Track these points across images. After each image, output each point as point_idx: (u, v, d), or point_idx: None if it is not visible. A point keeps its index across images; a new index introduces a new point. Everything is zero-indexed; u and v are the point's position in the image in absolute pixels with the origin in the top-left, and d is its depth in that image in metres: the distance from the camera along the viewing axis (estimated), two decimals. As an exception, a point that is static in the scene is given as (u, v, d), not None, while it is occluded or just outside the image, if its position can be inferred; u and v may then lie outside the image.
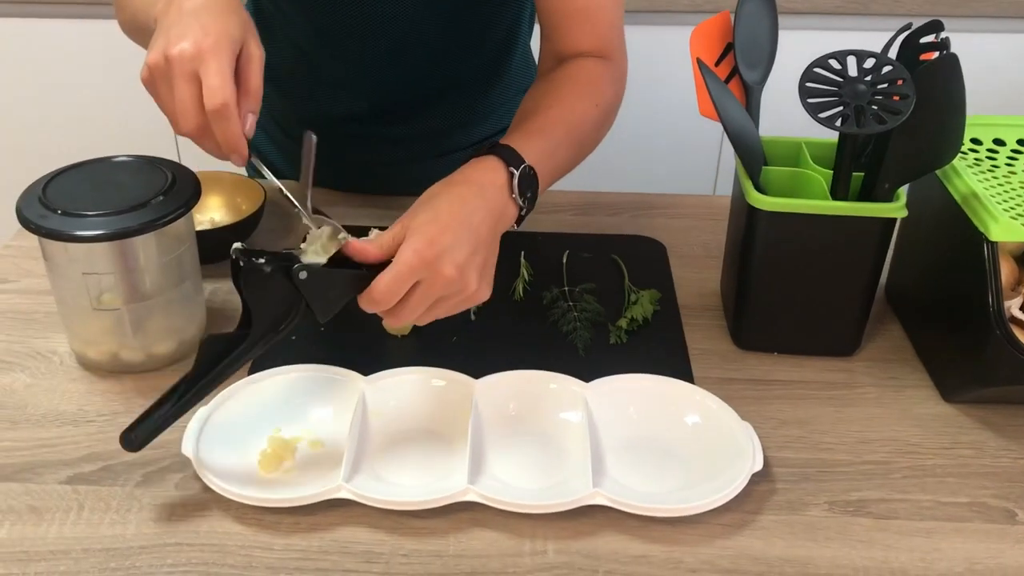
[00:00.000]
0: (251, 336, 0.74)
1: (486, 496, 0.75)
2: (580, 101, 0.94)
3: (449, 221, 0.77)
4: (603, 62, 0.98)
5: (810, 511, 0.79)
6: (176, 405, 0.75)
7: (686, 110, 2.05)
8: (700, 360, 0.95)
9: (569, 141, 0.92)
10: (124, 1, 0.94)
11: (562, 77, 0.97)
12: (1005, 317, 0.81)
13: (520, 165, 0.83)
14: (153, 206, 0.84)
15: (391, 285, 0.74)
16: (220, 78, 0.70)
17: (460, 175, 0.83)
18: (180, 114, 0.71)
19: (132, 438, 0.75)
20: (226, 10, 0.75)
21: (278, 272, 0.73)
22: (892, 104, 0.80)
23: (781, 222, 0.88)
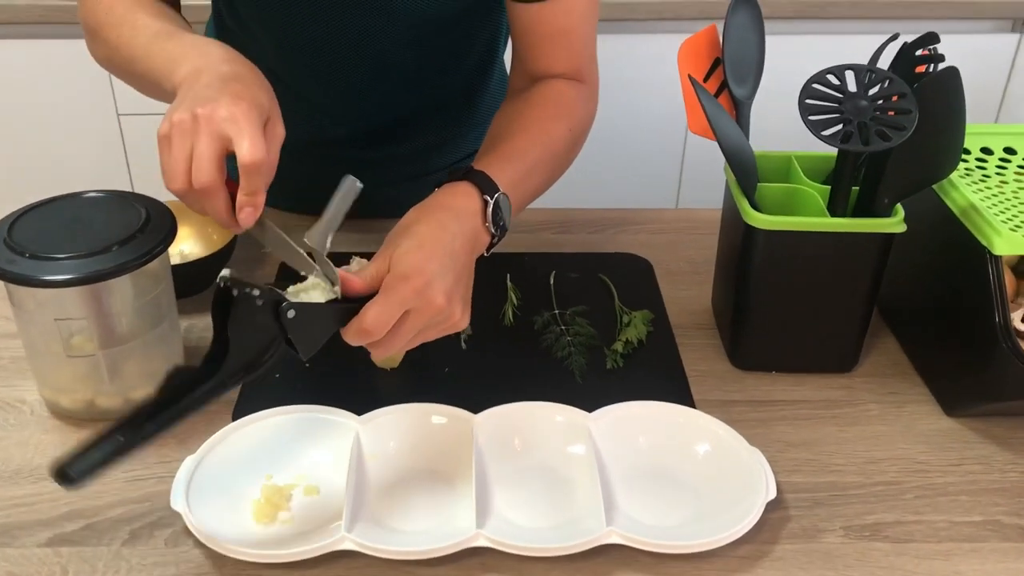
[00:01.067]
0: (222, 373, 0.69)
1: (497, 540, 0.72)
2: (554, 124, 0.93)
3: (433, 248, 0.75)
4: (576, 84, 0.97)
5: (826, 538, 0.77)
6: (129, 435, 0.66)
7: (647, 120, 2.06)
8: (699, 382, 0.93)
9: (542, 165, 0.91)
10: (110, 38, 0.90)
11: (535, 99, 0.95)
12: (1012, 331, 0.80)
13: (495, 193, 0.82)
14: (128, 246, 0.80)
15: (381, 316, 0.72)
16: (254, 138, 0.67)
17: (435, 201, 0.82)
18: (195, 169, 0.68)
19: (68, 471, 0.63)
20: (258, 84, 0.74)
21: (267, 307, 0.69)
22: (895, 120, 0.78)
23: (779, 240, 0.86)
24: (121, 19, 0.89)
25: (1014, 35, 2.04)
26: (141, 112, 1.98)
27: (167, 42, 0.82)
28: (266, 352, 0.70)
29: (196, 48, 0.79)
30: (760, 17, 0.93)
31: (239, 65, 0.75)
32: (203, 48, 0.79)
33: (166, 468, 0.81)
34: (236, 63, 0.76)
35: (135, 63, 0.86)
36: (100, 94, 1.96)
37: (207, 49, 0.78)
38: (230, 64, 0.75)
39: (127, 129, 2.01)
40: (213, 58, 0.76)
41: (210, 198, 0.69)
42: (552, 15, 0.94)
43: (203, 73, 0.74)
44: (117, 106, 1.98)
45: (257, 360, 0.70)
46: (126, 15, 0.88)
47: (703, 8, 1.89)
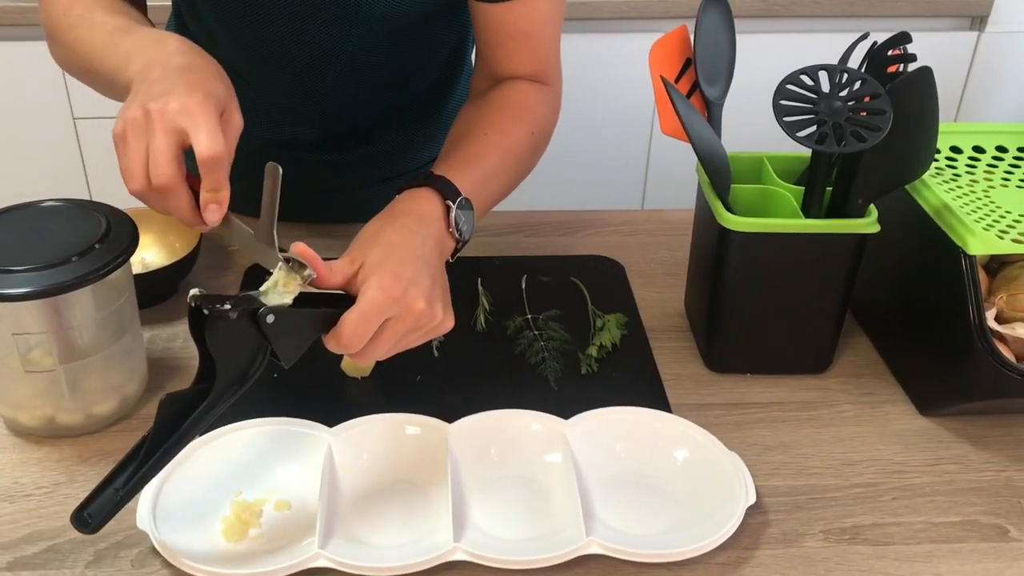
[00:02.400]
0: (215, 390, 0.68)
1: (475, 554, 0.71)
2: (516, 127, 0.92)
3: (406, 253, 0.74)
4: (539, 86, 0.96)
5: (806, 542, 0.76)
6: (137, 474, 0.67)
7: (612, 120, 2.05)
8: (674, 386, 0.92)
9: (504, 169, 0.90)
10: (68, 39, 0.87)
11: (498, 100, 0.94)
12: (987, 331, 0.80)
13: (456, 197, 0.81)
14: (88, 257, 0.77)
15: (360, 326, 0.70)
16: (211, 130, 0.65)
17: (398, 207, 0.81)
18: (153, 166, 0.65)
19: (87, 518, 0.66)
20: (213, 74, 0.71)
21: (244, 318, 0.67)
22: (869, 120, 0.78)
23: (754, 242, 0.86)
24: (78, 19, 0.86)
25: (972, 33, 2.06)
26: (98, 116, 1.93)
27: (122, 38, 0.80)
28: (254, 362, 0.69)
29: (151, 41, 0.77)
30: (731, 17, 0.92)
31: (193, 56, 0.73)
32: (158, 41, 0.76)
33: (131, 486, 0.78)
34: (190, 54, 0.73)
35: (91, 62, 0.83)
36: (55, 97, 1.91)
37: (162, 42, 0.76)
38: (184, 55, 0.72)
39: (83, 134, 1.97)
40: (167, 50, 0.73)
41: (171, 196, 0.67)
42: (515, 16, 0.92)
43: (155, 66, 0.71)
44: (73, 110, 1.94)
45: (246, 372, 0.68)
46: (83, 14, 0.86)
47: (668, 7, 1.89)
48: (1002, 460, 0.85)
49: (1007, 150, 0.97)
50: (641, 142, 2.08)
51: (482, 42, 0.96)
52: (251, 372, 0.69)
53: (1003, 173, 0.94)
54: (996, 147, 0.97)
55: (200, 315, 0.67)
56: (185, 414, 0.68)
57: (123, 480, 0.67)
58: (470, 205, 0.83)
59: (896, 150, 0.81)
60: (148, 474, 0.67)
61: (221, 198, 0.67)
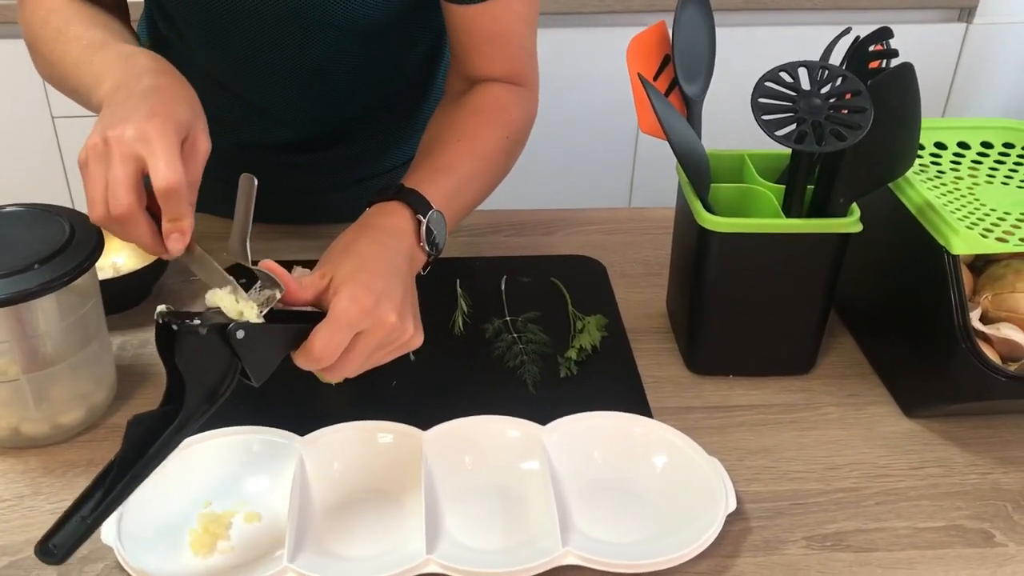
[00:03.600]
0: (184, 410, 0.65)
1: (448, 566, 0.69)
2: (489, 132, 0.91)
3: (377, 266, 0.73)
4: (514, 88, 0.94)
5: (788, 549, 0.75)
6: (104, 501, 0.64)
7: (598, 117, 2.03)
8: (655, 389, 0.90)
9: (478, 176, 0.89)
10: (46, 52, 0.86)
11: (471, 105, 0.92)
12: (970, 331, 0.78)
13: (427, 211, 0.80)
14: (51, 263, 0.75)
15: (331, 338, 0.68)
16: (168, 159, 0.64)
17: (368, 220, 0.80)
18: (111, 196, 0.64)
19: (52, 548, 0.62)
20: (177, 97, 0.69)
21: (213, 333, 0.65)
22: (849, 118, 0.76)
23: (734, 242, 0.84)
24: (56, 32, 0.84)
25: (960, 25, 2.05)
26: (77, 115, 1.90)
27: (95, 55, 0.78)
28: (224, 381, 0.67)
29: (121, 61, 0.75)
30: (710, 13, 0.90)
31: (160, 76, 0.71)
32: (128, 60, 0.75)
33: (97, 498, 0.76)
34: (157, 74, 0.72)
35: (67, 78, 0.82)
36: (33, 97, 1.89)
37: (132, 61, 0.75)
38: (151, 75, 0.71)
39: (63, 133, 1.94)
40: (134, 70, 0.72)
41: (129, 226, 0.65)
42: (489, 18, 0.91)
43: (121, 88, 0.70)
44: (51, 109, 1.91)
45: (216, 391, 0.66)
46: (60, 27, 0.84)
47: (653, 1, 1.87)
48: (988, 463, 0.83)
49: (992, 146, 0.95)
50: (628, 139, 2.07)
51: (456, 44, 0.94)
52: (221, 391, 0.67)
53: (988, 170, 0.92)
54: (981, 143, 0.95)
55: (168, 331, 0.65)
56: (153, 436, 0.65)
57: (90, 507, 0.63)
58: (442, 218, 0.82)
59: (878, 148, 0.79)
60: (116, 501, 0.64)
61: (183, 227, 0.66)
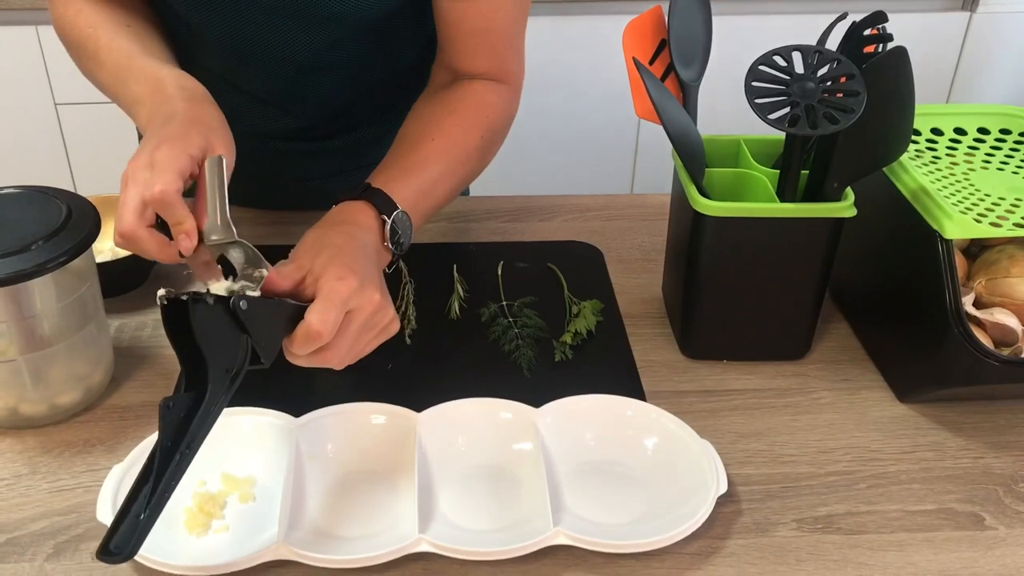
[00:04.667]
0: (211, 389, 0.65)
1: (440, 545, 0.69)
2: (465, 132, 0.91)
3: (353, 253, 0.76)
4: (496, 86, 0.95)
5: (779, 531, 0.75)
6: (156, 491, 0.63)
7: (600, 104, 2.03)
8: (649, 372, 0.91)
9: (448, 175, 0.89)
10: (83, 61, 0.91)
11: (451, 102, 0.93)
12: (963, 315, 0.78)
13: (392, 211, 0.82)
14: (48, 244, 0.76)
15: (327, 314, 0.69)
16: (165, 178, 0.70)
17: (336, 216, 0.82)
18: (118, 218, 0.71)
19: (115, 549, 0.60)
20: (189, 119, 0.75)
21: (219, 304, 0.66)
22: (843, 102, 0.76)
23: (728, 227, 0.84)
24: (85, 38, 0.89)
25: (964, 13, 2.04)
26: (80, 101, 1.92)
27: (128, 79, 0.84)
28: (239, 354, 0.67)
29: (151, 89, 0.81)
30: (706, -3, 0.91)
31: (181, 103, 0.77)
32: (156, 89, 0.80)
33: (93, 477, 0.77)
34: (179, 101, 0.77)
35: (106, 92, 0.89)
36: (36, 83, 1.89)
37: (161, 89, 0.80)
38: (175, 103, 0.77)
39: (65, 119, 1.95)
40: (160, 99, 0.78)
41: (134, 241, 0.71)
42: (476, 13, 0.91)
43: (150, 122, 0.77)
44: (54, 95, 1.92)
45: (235, 365, 0.67)
46: (90, 34, 0.89)
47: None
48: (979, 447, 0.84)
49: (989, 132, 0.95)
50: (629, 125, 2.07)
51: (443, 36, 0.94)
52: (239, 367, 0.67)
53: (983, 155, 0.92)
54: (978, 129, 0.95)
55: (177, 307, 0.66)
56: (187, 420, 0.65)
57: (142, 503, 0.63)
58: (407, 218, 0.83)
59: (872, 132, 0.79)
60: (166, 489, 0.63)
61: (186, 228, 0.70)
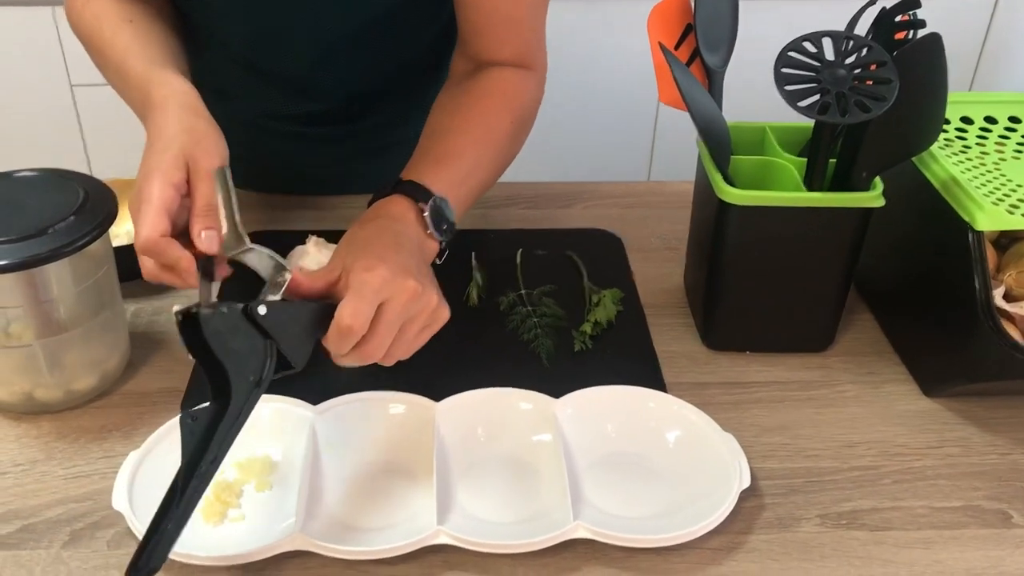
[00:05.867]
0: (234, 400, 0.64)
1: (459, 538, 0.69)
2: (496, 119, 0.89)
3: (384, 246, 0.74)
4: (521, 72, 0.93)
5: (802, 527, 0.74)
6: (179, 507, 0.61)
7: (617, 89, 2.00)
8: (670, 364, 0.89)
9: (484, 163, 0.88)
10: (94, 55, 0.90)
11: (478, 90, 0.91)
12: (994, 309, 0.77)
13: (428, 199, 0.79)
14: (64, 228, 0.75)
15: (357, 307, 0.67)
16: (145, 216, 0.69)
17: (371, 214, 0.80)
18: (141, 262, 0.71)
19: (144, 567, 0.60)
20: (163, 161, 0.72)
21: (235, 312, 0.64)
22: (874, 89, 0.74)
23: (754, 216, 0.83)
24: (91, 34, 0.89)
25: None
26: (96, 83, 1.90)
27: (127, 86, 0.83)
28: (263, 361, 0.65)
29: (141, 96, 0.80)
30: (733, -19, 0.89)
31: (162, 117, 0.75)
32: (146, 98, 0.79)
33: (109, 464, 0.77)
34: (161, 115, 0.76)
35: (115, 88, 0.88)
36: (52, 64, 1.88)
37: (148, 98, 0.78)
38: (162, 115, 0.76)
39: (81, 101, 1.94)
40: (151, 112, 0.77)
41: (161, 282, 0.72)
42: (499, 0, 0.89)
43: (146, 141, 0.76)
44: (70, 76, 1.91)
45: (259, 372, 0.65)
46: (93, 39, 0.89)
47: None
48: (1007, 443, 0.82)
49: (1020, 120, 0.93)
50: (648, 112, 2.04)
51: (464, 23, 0.93)
52: (264, 374, 0.65)
53: (1015, 145, 0.90)
54: (1009, 117, 0.93)
55: (193, 323, 0.64)
56: (209, 433, 0.64)
57: (170, 520, 0.61)
58: (447, 203, 0.81)
59: (902, 121, 0.77)
60: (189, 505, 0.62)
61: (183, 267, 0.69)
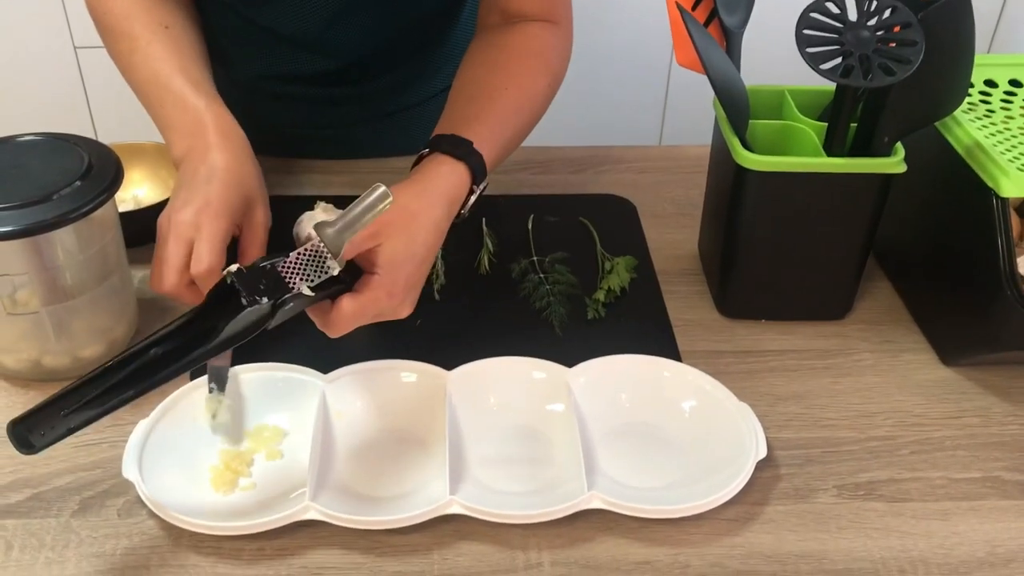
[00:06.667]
0: (206, 347, 0.65)
1: (472, 507, 0.68)
2: (535, 80, 0.88)
3: (424, 255, 0.73)
4: (552, 28, 0.91)
5: (819, 498, 0.73)
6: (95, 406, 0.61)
7: (629, 52, 1.97)
8: (684, 332, 0.88)
9: (524, 129, 0.88)
10: (114, 55, 0.89)
11: (515, 48, 0.89)
12: (1016, 277, 0.75)
13: (482, 182, 0.80)
14: (69, 194, 0.73)
15: (355, 319, 0.70)
16: (209, 245, 0.71)
17: (438, 182, 0.77)
18: (164, 272, 0.72)
19: (21, 435, 0.60)
20: (233, 181, 0.76)
21: (266, 308, 0.66)
22: (899, 52, 0.72)
23: (772, 182, 0.81)
24: (119, 34, 0.87)
25: (1010, -42, 1.97)
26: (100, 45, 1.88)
27: (164, 103, 0.82)
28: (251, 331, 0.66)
29: (188, 124, 0.79)
30: (752, -61, 0.86)
31: (223, 154, 0.77)
32: (195, 128, 0.79)
33: (118, 432, 0.76)
34: (221, 151, 0.77)
35: (138, 95, 0.86)
36: (55, 26, 1.86)
37: (200, 130, 0.79)
38: (215, 152, 0.77)
39: (85, 64, 1.92)
40: (201, 146, 0.78)
41: (176, 297, 0.73)
42: None
43: (188, 165, 0.78)
44: (74, 39, 1.89)
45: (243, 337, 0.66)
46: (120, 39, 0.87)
47: (689, -69, 1.80)
48: (1028, 413, 0.81)
49: (1046, 84, 0.91)
50: (660, 74, 2.02)
51: None
52: (245, 339, 0.66)
53: (1040, 109, 0.88)
54: (1034, 81, 0.91)
55: (229, 291, 0.65)
56: (166, 360, 0.64)
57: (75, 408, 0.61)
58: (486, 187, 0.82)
59: (927, 84, 0.75)
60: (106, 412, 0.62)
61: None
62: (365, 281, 0.70)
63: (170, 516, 0.67)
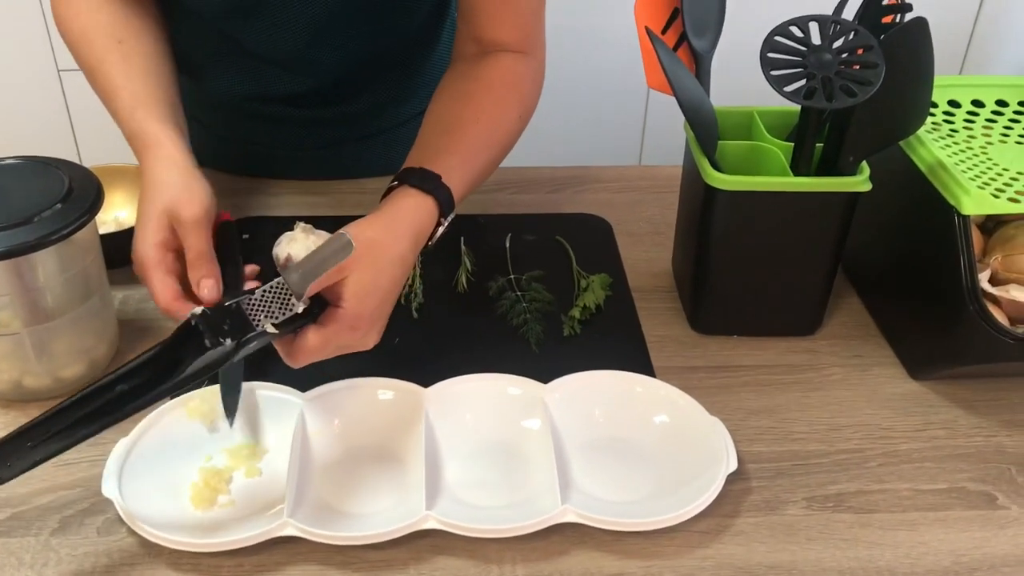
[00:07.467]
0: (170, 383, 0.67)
1: (447, 522, 0.69)
2: (506, 112, 0.89)
3: (390, 288, 0.73)
4: (525, 59, 0.92)
5: (788, 510, 0.75)
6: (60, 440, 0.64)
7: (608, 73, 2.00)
8: (658, 348, 0.90)
9: (491, 159, 0.88)
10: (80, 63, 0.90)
11: (487, 79, 0.90)
12: (979, 292, 0.77)
13: (450, 214, 0.80)
14: (50, 216, 0.75)
15: (318, 352, 0.71)
16: (158, 285, 0.74)
17: (405, 215, 0.77)
18: (163, 305, 0.75)
19: None
20: (156, 198, 0.77)
21: (229, 348, 0.68)
22: (860, 74, 0.74)
23: (741, 201, 0.83)
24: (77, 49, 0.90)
25: (980, -19, 2.01)
26: (83, 68, 1.89)
27: (118, 118, 0.85)
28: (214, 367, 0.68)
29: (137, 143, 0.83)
30: (721, -35, 0.88)
31: (145, 174, 0.80)
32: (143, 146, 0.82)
33: (98, 451, 0.76)
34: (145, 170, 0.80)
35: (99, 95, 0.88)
36: (38, 49, 1.87)
37: (148, 156, 0.81)
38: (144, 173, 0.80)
39: (69, 87, 1.93)
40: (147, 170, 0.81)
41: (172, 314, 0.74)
42: None
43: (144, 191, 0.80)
44: (57, 62, 1.90)
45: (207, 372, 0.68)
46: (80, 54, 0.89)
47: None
48: (992, 425, 0.83)
49: (1007, 104, 0.93)
50: (639, 95, 2.04)
51: (465, 4, 0.92)
52: (206, 374, 0.68)
53: (1002, 129, 0.90)
54: (996, 101, 0.93)
55: (194, 332, 0.67)
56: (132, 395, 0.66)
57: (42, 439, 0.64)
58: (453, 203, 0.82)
59: (889, 105, 0.78)
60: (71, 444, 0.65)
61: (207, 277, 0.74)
62: (330, 314, 0.70)
63: (149, 533, 0.68)
